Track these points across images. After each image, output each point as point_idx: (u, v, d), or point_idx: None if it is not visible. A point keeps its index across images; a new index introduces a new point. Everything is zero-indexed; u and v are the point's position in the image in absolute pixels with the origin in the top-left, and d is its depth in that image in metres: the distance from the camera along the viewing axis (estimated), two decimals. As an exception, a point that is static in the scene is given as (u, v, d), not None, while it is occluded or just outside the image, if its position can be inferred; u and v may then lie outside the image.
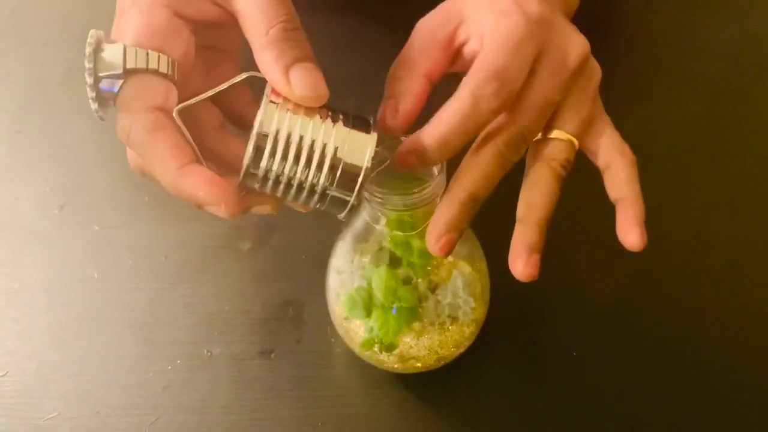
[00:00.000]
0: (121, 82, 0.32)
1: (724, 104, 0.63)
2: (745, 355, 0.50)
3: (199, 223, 0.55)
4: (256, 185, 0.33)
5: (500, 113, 0.34)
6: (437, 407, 0.48)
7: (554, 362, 0.50)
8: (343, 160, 0.32)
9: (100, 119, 0.34)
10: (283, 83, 0.32)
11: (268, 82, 0.33)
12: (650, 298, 0.52)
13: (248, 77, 0.34)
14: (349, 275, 0.45)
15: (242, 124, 0.38)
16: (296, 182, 0.33)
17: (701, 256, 0.54)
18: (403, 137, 0.35)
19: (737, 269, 0.54)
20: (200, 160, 0.33)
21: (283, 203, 0.35)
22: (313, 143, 0.32)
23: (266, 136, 0.32)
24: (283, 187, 0.33)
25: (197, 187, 0.32)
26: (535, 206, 0.35)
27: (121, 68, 0.32)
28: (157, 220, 0.55)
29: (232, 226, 0.55)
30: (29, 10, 0.70)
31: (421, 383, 0.48)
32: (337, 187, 0.33)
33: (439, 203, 0.35)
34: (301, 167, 0.32)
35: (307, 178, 0.32)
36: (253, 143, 0.32)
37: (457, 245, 0.35)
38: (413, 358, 0.45)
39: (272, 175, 0.32)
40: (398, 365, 0.46)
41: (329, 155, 0.32)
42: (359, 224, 0.43)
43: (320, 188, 0.33)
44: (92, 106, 0.33)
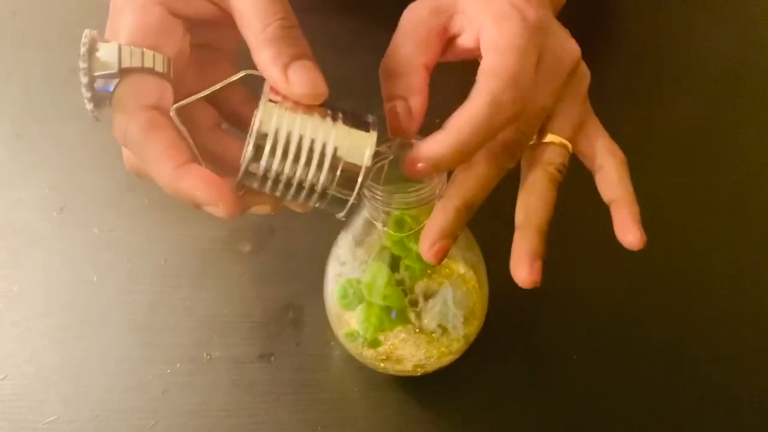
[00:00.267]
0: (116, 81, 0.32)
1: (724, 106, 0.63)
2: (744, 357, 0.50)
3: (198, 225, 0.55)
4: (255, 184, 0.33)
5: (515, 121, 0.34)
6: (437, 410, 0.48)
7: (554, 365, 0.49)
8: (342, 159, 0.32)
9: (95, 120, 0.33)
10: (281, 81, 0.32)
11: (266, 80, 0.33)
12: (649, 300, 0.52)
13: (245, 76, 0.34)
14: (350, 267, 0.44)
15: (237, 123, 0.38)
16: (296, 181, 0.32)
17: (700, 258, 0.54)
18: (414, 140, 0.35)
19: (736, 271, 0.53)
20: (198, 159, 0.33)
21: (281, 203, 0.35)
22: (312, 142, 0.32)
23: (266, 134, 0.31)
24: (282, 186, 0.33)
25: (195, 186, 0.31)
26: (534, 212, 0.35)
27: (116, 67, 0.31)
28: (156, 222, 0.55)
29: (231, 228, 0.55)
30: (30, 12, 0.70)
31: (421, 386, 0.48)
32: (336, 186, 0.33)
33: (435, 207, 0.35)
34: (300, 166, 0.32)
35: (306, 176, 0.32)
36: (252, 142, 0.31)
37: (460, 255, 0.35)
38: (398, 361, 0.45)
39: (272, 174, 0.32)
40: (384, 365, 0.45)
41: (329, 154, 0.32)
42: (362, 219, 0.43)
43: (320, 187, 0.33)
44: (87, 106, 0.32)
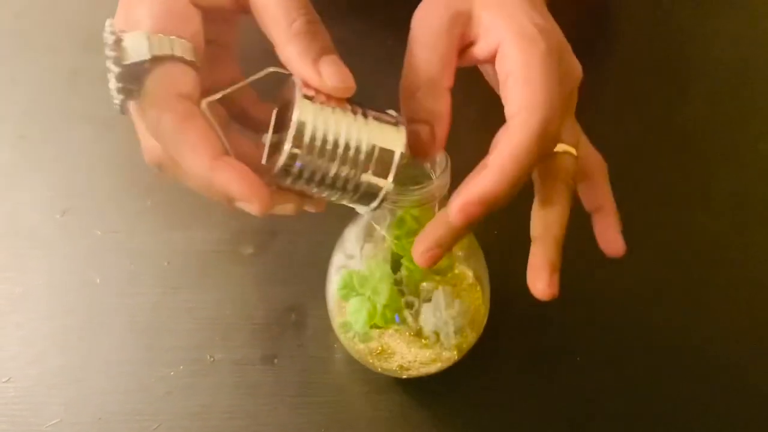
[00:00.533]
0: (147, 70, 0.31)
1: (728, 105, 0.62)
2: (756, 357, 0.49)
3: (201, 228, 0.55)
4: (287, 181, 0.32)
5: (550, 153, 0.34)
6: (441, 412, 0.48)
7: (559, 366, 0.49)
8: (376, 151, 0.32)
9: (121, 112, 0.32)
10: (314, 75, 0.32)
11: (294, 76, 0.33)
12: (655, 300, 0.52)
13: (271, 72, 0.33)
14: (356, 261, 0.44)
15: (246, 122, 0.38)
16: (331, 175, 0.32)
17: (706, 258, 0.54)
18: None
19: (742, 271, 0.53)
20: (230, 153, 0.32)
21: (304, 203, 0.34)
22: (347, 135, 0.32)
23: (303, 129, 0.31)
24: (317, 181, 0.32)
25: (231, 180, 0.30)
26: (552, 224, 0.35)
27: (147, 55, 0.30)
28: (159, 225, 0.55)
29: (234, 231, 0.55)
30: (33, 14, 0.70)
31: (425, 388, 0.48)
32: (370, 178, 0.33)
33: (437, 213, 0.34)
34: (337, 160, 0.32)
35: (342, 170, 0.32)
36: (291, 138, 0.31)
37: (466, 264, 0.35)
38: (386, 359, 0.45)
39: (307, 169, 0.32)
40: (372, 360, 0.45)
41: (364, 147, 0.32)
42: (371, 214, 0.42)
43: (354, 181, 0.33)
44: (116, 98, 0.31)
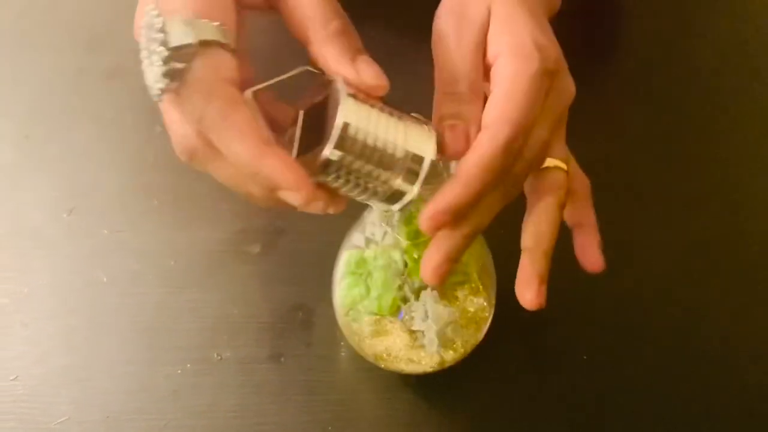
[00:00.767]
0: (193, 54, 0.30)
1: (731, 105, 0.62)
2: (758, 357, 0.50)
3: (207, 227, 0.55)
4: (325, 177, 0.32)
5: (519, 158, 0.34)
6: (447, 411, 0.48)
7: (565, 366, 0.49)
8: (410, 157, 0.33)
9: (158, 99, 0.31)
10: (354, 74, 0.32)
11: (322, 75, 0.33)
12: (660, 300, 0.52)
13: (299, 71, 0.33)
14: (374, 245, 0.44)
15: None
16: (364, 174, 0.32)
17: (709, 258, 0.54)
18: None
19: (747, 271, 0.53)
20: (273, 142, 0.32)
21: (331, 203, 0.34)
22: (386, 137, 0.32)
23: (347, 128, 0.31)
24: (350, 179, 0.33)
25: (280, 168, 0.30)
26: (543, 237, 0.36)
27: (194, 39, 0.30)
28: (165, 224, 0.55)
29: (240, 230, 0.55)
30: (36, 14, 0.70)
31: (431, 387, 0.48)
32: (402, 179, 0.33)
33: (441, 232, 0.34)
34: (374, 161, 0.32)
35: (375, 171, 0.32)
36: (337, 134, 0.31)
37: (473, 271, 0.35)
38: (371, 345, 0.45)
39: (345, 168, 0.32)
40: (360, 343, 0.45)
41: (399, 152, 0.32)
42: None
43: (384, 183, 0.33)
44: (159, 83, 0.30)
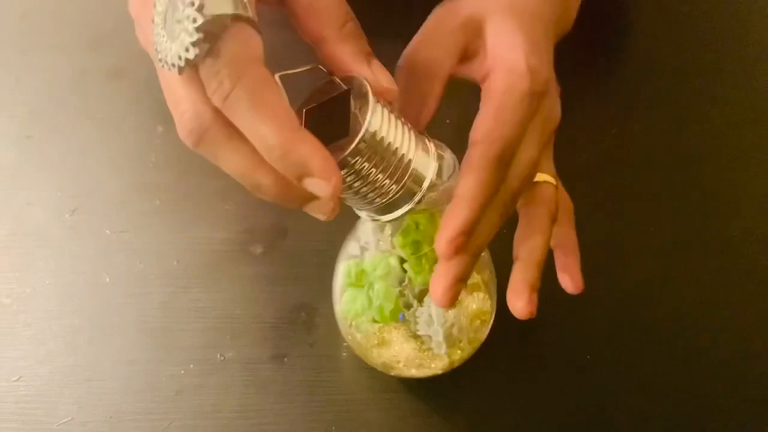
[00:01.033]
0: (226, 27, 0.28)
1: (735, 105, 0.62)
2: (760, 357, 0.49)
3: (210, 227, 0.55)
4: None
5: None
6: (449, 412, 0.48)
7: (565, 366, 0.49)
8: (413, 172, 0.32)
9: (180, 71, 0.28)
10: (370, 74, 0.32)
11: (330, 75, 0.32)
12: (660, 300, 0.52)
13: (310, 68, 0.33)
14: (370, 252, 0.44)
15: None
16: (371, 181, 0.32)
17: (710, 258, 0.54)
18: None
19: (748, 271, 0.53)
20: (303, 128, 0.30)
21: (336, 209, 0.33)
22: (400, 146, 0.32)
23: (374, 133, 0.31)
24: (358, 184, 0.32)
25: (313, 154, 0.29)
26: (535, 249, 0.37)
27: (231, 11, 0.28)
28: (168, 224, 0.55)
29: (243, 230, 0.55)
30: (39, 14, 0.70)
31: (433, 388, 0.48)
32: (400, 193, 0.32)
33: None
34: (385, 168, 0.31)
35: (383, 179, 0.32)
36: (363, 132, 0.30)
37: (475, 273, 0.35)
38: (379, 354, 0.45)
39: (358, 170, 0.31)
40: (367, 355, 0.45)
41: (406, 160, 0.32)
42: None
43: (386, 193, 0.32)
44: (185, 53, 0.27)
